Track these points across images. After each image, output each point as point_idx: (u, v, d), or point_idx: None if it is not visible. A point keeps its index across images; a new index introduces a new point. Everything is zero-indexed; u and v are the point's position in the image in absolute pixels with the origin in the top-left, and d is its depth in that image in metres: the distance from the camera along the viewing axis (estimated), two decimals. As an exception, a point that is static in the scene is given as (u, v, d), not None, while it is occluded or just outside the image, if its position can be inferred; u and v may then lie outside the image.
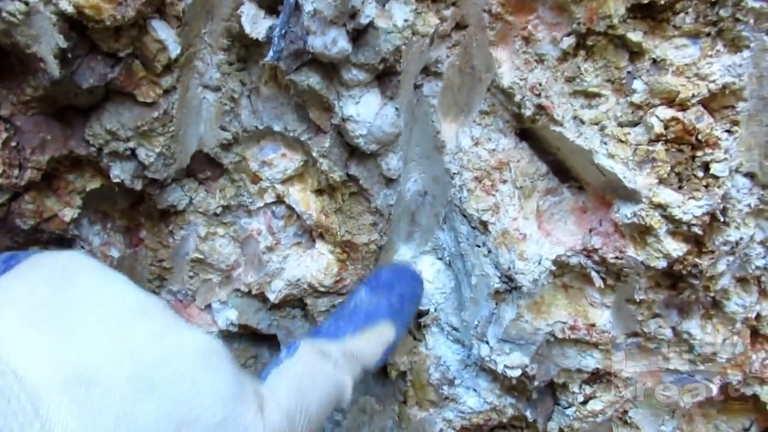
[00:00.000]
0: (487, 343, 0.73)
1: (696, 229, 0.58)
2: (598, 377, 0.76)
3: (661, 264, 0.60)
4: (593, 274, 0.67)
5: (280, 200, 0.73)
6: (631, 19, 0.57)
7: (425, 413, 0.83)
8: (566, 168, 0.69)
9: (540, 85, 0.63)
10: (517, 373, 0.72)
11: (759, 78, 0.55)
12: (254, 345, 0.86)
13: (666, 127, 0.56)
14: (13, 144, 0.60)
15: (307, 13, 0.54)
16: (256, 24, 0.59)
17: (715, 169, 0.56)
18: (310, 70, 0.61)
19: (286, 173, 0.71)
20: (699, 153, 0.56)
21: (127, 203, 0.73)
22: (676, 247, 0.59)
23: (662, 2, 0.55)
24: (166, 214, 0.74)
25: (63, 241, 0.71)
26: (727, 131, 0.57)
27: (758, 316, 0.69)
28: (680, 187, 0.57)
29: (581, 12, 0.58)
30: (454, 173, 0.71)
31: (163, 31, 0.58)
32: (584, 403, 0.78)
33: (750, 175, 0.59)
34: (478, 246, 0.71)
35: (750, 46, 0.55)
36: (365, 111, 0.64)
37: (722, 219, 0.59)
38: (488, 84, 0.68)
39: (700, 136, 0.56)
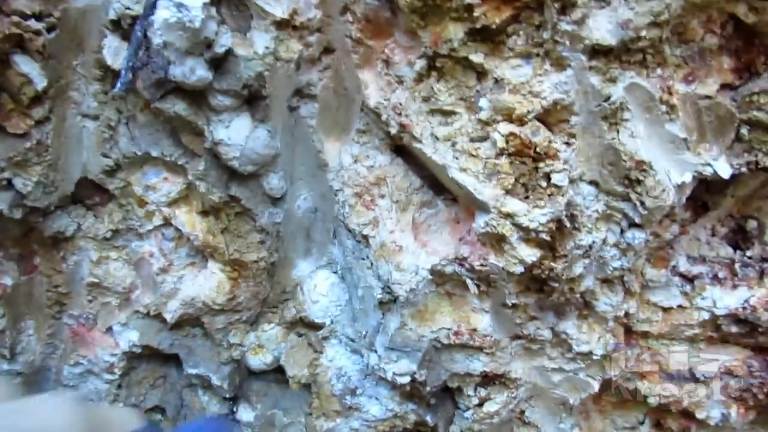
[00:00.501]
0: (376, 351, 0.75)
1: (544, 236, 0.61)
2: (490, 379, 0.79)
3: (519, 269, 0.63)
4: (468, 281, 0.70)
5: (167, 222, 0.75)
6: (472, 42, 0.60)
7: (332, 423, 0.85)
8: (441, 181, 0.72)
9: (401, 104, 0.66)
10: (406, 379, 0.75)
11: (584, 94, 0.58)
12: (161, 365, 0.87)
13: (507, 142, 0.59)
14: None
15: (156, 45, 0.56)
16: (117, 56, 0.61)
17: (555, 179, 0.60)
18: (175, 97, 0.63)
19: (170, 196, 0.73)
20: (541, 164, 0.60)
21: (19, 231, 0.74)
22: (529, 253, 0.62)
23: (495, 26, 0.58)
24: (58, 241, 0.75)
25: (-49, 272, 0.72)
26: (566, 143, 0.60)
27: (627, 314, 0.73)
28: (526, 197, 0.61)
29: (427, 36, 0.61)
30: (337, 190, 0.74)
31: (26, 65, 0.60)
32: (480, 405, 0.80)
33: (594, 183, 0.62)
34: (362, 259, 0.74)
35: (571, 65, 0.58)
36: (236, 134, 0.66)
37: (570, 225, 0.62)
38: (360, 104, 0.71)
39: (538, 149, 0.59)
